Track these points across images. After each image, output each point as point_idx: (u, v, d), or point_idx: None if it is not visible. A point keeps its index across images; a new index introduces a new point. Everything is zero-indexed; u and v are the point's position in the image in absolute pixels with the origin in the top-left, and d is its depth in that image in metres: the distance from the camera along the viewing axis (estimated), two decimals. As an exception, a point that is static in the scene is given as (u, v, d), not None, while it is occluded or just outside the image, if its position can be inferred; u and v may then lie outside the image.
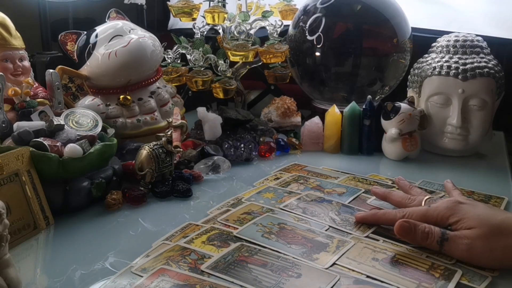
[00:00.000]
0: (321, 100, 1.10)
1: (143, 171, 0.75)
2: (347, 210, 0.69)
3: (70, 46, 0.93)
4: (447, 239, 0.57)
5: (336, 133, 0.97)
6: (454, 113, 0.91)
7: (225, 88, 1.03)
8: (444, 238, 0.57)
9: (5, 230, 0.45)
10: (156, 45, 0.91)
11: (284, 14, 1.15)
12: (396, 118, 0.91)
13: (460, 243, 0.56)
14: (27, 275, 0.55)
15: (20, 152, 0.64)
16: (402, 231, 0.58)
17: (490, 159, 0.97)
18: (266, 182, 0.80)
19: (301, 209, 0.69)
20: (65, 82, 0.85)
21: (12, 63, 0.80)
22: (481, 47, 0.95)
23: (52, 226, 0.66)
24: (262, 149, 0.94)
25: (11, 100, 0.77)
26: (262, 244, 0.58)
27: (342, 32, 1.06)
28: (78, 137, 0.73)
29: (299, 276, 0.52)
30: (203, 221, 0.65)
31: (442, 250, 0.57)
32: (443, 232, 0.57)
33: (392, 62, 1.04)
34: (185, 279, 0.51)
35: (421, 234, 0.58)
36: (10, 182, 0.62)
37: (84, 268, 0.56)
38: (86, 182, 0.70)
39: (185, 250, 0.57)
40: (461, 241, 0.56)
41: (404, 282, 0.52)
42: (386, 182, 0.80)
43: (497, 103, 0.95)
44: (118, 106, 0.89)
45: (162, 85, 0.96)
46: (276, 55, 1.07)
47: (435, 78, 0.93)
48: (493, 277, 0.54)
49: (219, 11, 1.05)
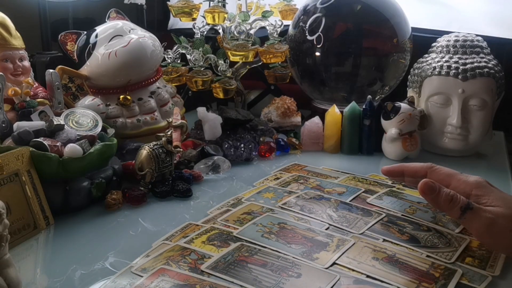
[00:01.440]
0: (321, 100, 1.10)
1: (143, 171, 0.75)
2: (345, 207, 0.69)
3: (70, 46, 0.93)
4: (471, 209, 0.57)
5: (336, 133, 0.97)
6: (454, 113, 0.91)
7: (225, 88, 1.03)
8: (469, 207, 0.57)
9: (5, 230, 0.45)
10: (156, 45, 0.91)
11: (284, 14, 1.15)
12: (396, 118, 0.91)
13: (484, 216, 0.56)
14: (27, 275, 0.55)
15: (20, 152, 0.65)
16: (426, 188, 0.58)
17: (490, 159, 0.97)
18: (266, 182, 0.80)
19: (299, 206, 0.69)
20: (65, 82, 0.85)
21: (12, 63, 0.80)
22: (481, 47, 0.95)
23: (52, 226, 0.66)
24: (262, 149, 0.94)
25: (11, 100, 0.77)
26: (262, 244, 0.58)
27: (342, 32, 1.06)
28: (78, 137, 0.73)
29: (299, 276, 0.52)
30: (203, 221, 0.65)
31: (462, 218, 0.57)
32: (469, 202, 0.57)
33: (392, 62, 1.04)
34: (185, 279, 0.51)
35: (445, 197, 0.58)
36: (10, 182, 0.62)
37: (84, 268, 0.56)
38: (86, 182, 0.70)
39: (185, 250, 0.57)
40: (485, 215, 0.56)
41: (404, 282, 0.52)
42: (386, 182, 0.80)
43: (497, 103, 0.95)
44: (118, 106, 0.89)
45: (162, 85, 0.96)
46: (276, 55, 1.07)
47: (435, 78, 0.93)
48: (493, 277, 0.54)
49: (219, 11, 1.05)
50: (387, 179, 0.81)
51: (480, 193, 0.59)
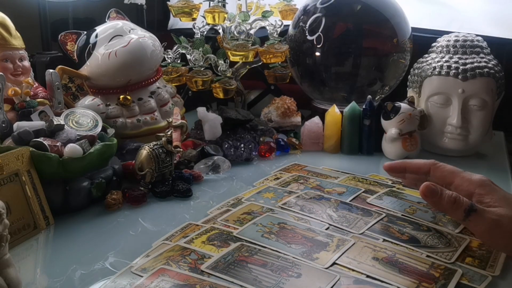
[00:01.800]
0: (321, 100, 1.10)
1: (143, 171, 0.75)
2: (345, 207, 0.69)
3: (70, 46, 0.93)
4: (475, 211, 0.57)
5: (336, 133, 0.97)
6: (454, 113, 0.91)
7: (225, 88, 1.03)
8: (472, 209, 0.57)
9: (5, 230, 0.45)
10: (156, 45, 0.91)
11: (284, 14, 1.15)
12: (396, 118, 0.91)
13: (488, 218, 0.56)
14: (27, 275, 0.55)
15: (20, 152, 0.64)
16: (427, 191, 0.58)
17: (490, 159, 0.97)
18: (266, 182, 0.80)
19: (299, 206, 0.69)
20: (65, 82, 0.85)
21: (12, 63, 0.80)
22: (481, 47, 0.95)
23: (52, 226, 0.66)
24: (262, 149, 0.94)
25: (11, 100, 0.77)
26: (262, 244, 0.58)
27: (342, 32, 1.05)
28: (78, 137, 0.73)
29: (299, 276, 0.52)
30: (203, 221, 0.65)
31: (466, 220, 0.57)
32: (472, 204, 0.57)
33: (392, 62, 1.04)
34: (185, 279, 0.51)
35: (448, 199, 0.57)
36: (10, 182, 0.62)
37: (84, 268, 0.56)
38: (86, 182, 0.70)
39: (185, 250, 0.57)
40: (489, 216, 0.56)
41: (404, 282, 0.52)
42: (386, 182, 0.80)
43: (497, 103, 0.95)
44: (118, 106, 0.89)
45: (162, 85, 0.96)
46: (276, 55, 1.07)
47: (435, 78, 0.93)
48: (493, 277, 0.54)
49: (219, 11, 1.05)
50: (387, 179, 0.81)
51: (484, 192, 0.59)
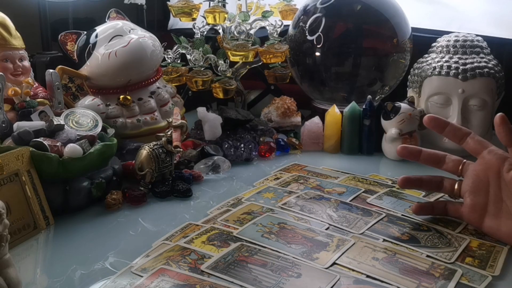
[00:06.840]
0: (321, 100, 1.10)
1: (143, 171, 0.75)
2: (345, 207, 0.69)
3: (70, 46, 0.93)
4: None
5: (336, 133, 0.97)
6: (454, 113, 0.91)
7: (225, 88, 1.03)
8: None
9: (5, 230, 0.45)
10: (156, 45, 0.91)
11: (284, 14, 1.14)
12: (396, 118, 0.91)
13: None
14: (27, 275, 0.55)
15: (20, 152, 0.64)
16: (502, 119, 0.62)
17: (490, 159, 0.96)
18: (266, 182, 0.80)
19: (299, 206, 0.69)
20: (65, 82, 0.85)
21: (12, 63, 0.80)
22: (481, 47, 0.95)
23: (52, 226, 0.66)
24: (262, 149, 0.93)
25: (11, 100, 0.77)
26: (262, 244, 0.58)
27: (342, 32, 1.06)
28: (78, 137, 0.73)
29: (299, 276, 0.52)
30: (203, 221, 0.65)
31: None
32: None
33: (392, 62, 1.04)
34: (185, 279, 0.51)
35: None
36: (10, 182, 0.62)
37: (84, 268, 0.56)
38: (86, 182, 0.70)
39: (185, 250, 0.57)
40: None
41: (404, 282, 0.52)
42: (386, 182, 0.80)
43: (497, 103, 0.95)
44: (118, 106, 0.89)
45: (162, 85, 0.96)
46: (276, 55, 1.07)
47: (435, 78, 0.93)
48: (493, 277, 0.54)
49: (219, 11, 1.05)
50: (387, 179, 0.81)
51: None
